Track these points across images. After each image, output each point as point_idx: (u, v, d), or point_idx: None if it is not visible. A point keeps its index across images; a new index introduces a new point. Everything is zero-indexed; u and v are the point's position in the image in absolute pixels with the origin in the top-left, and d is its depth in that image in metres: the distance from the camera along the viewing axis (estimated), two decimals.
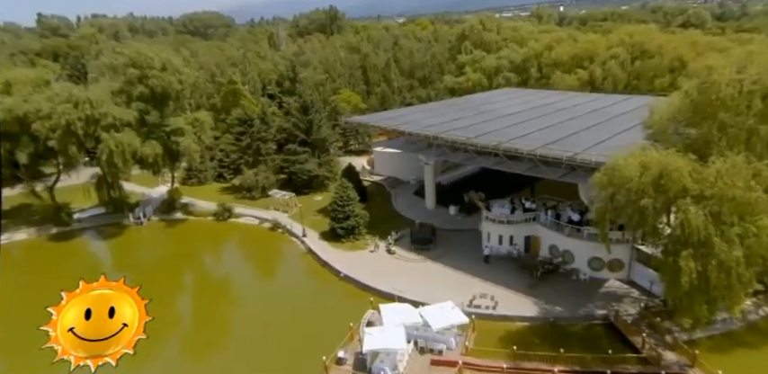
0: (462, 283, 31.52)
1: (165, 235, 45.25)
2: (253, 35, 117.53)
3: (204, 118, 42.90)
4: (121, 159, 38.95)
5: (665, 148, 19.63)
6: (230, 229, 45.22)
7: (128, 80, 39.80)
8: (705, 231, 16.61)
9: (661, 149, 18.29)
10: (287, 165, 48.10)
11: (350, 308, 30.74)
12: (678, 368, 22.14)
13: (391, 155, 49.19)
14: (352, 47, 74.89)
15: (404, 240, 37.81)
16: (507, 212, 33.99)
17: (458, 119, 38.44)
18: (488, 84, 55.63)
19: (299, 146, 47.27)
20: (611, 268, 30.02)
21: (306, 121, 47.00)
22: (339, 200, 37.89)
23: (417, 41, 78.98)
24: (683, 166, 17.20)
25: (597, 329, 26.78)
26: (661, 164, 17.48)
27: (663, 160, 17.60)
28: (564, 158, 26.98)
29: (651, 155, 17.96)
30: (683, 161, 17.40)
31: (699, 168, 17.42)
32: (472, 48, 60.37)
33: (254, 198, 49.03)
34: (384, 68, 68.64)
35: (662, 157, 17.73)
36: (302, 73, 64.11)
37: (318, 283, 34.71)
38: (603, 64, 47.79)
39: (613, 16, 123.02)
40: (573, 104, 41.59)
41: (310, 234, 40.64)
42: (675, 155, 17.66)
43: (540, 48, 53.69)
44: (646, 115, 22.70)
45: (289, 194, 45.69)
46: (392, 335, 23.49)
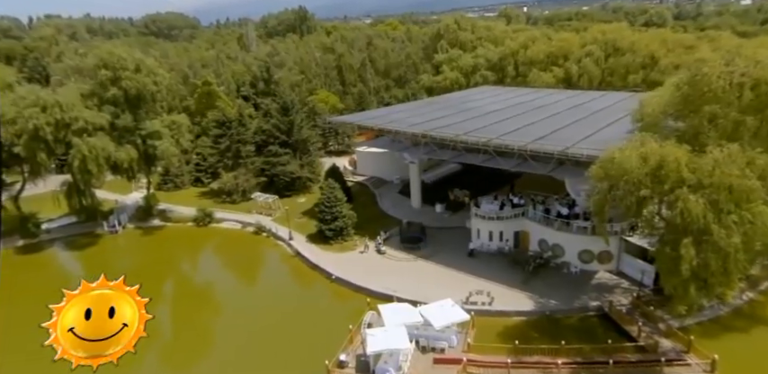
0: (456, 280, 31.56)
1: (143, 242, 43.50)
2: (220, 36, 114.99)
3: (182, 120, 41.52)
4: (95, 165, 37.21)
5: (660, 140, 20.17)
6: (212, 235, 43.91)
7: (99, 82, 38.06)
8: (704, 219, 17.13)
9: (659, 140, 18.74)
10: (268, 168, 47.14)
11: (345, 310, 30.38)
12: (675, 354, 22.77)
13: (374, 154, 48.93)
14: (327, 47, 74.23)
15: (393, 240, 37.61)
16: (496, 208, 34.28)
17: (442, 117, 38.55)
18: (466, 82, 56.13)
19: (279, 147, 46.38)
20: (600, 260, 30.67)
21: (286, 122, 46.18)
22: (326, 202, 37.35)
23: (391, 41, 79.05)
24: (682, 157, 17.70)
25: (592, 320, 27.29)
26: (660, 155, 17.93)
27: (662, 151, 18.05)
28: (555, 153, 27.38)
29: (651, 147, 18.40)
30: (681, 151, 17.91)
31: (694, 158, 17.96)
32: (448, 47, 60.84)
33: (234, 202, 47.80)
34: (360, 68, 68.33)
35: (661, 148, 18.18)
36: (277, 74, 63.04)
37: (310, 286, 34.11)
38: (579, 61, 49.04)
39: (578, 16, 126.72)
40: (552, 101, 42.41)
41: (297, 236, 39.91)
42: (674, 145, 18.16)
43: (517, 47, 54.60)
44: (635, 109, 23.27)
45: (272, 197, 44.78)
46: (395, 336, 23.23)
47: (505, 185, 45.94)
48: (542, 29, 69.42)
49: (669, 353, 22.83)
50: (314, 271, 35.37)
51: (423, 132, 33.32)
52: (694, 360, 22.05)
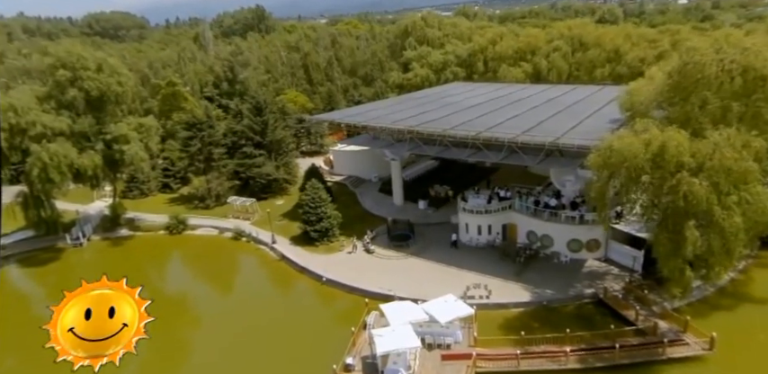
0: (450, 276, 31.48)
1: (112, 254, 40.82)
2: (174, 36, 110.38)
3: (150, 123, 39.22)
4: (57, 173, 34.54)
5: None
6: (188, 242, 41.83)
7: (56, 83, 35.31)
8: (707, 201, 17.73)
9: (660, 126, 19.25)
10: (242, 170, 45.46)
11: (341, 313, 29.68)
12: (673, 335, 23.52)
13: (351, 153, 48.22)
14: (291, 46, 72.61)
15: (379, 238, 37.09)
16: (484, 202, 34.45)
17: (424, 112, 38.40)
18: (436, 79, 56.36)
19: (254, 148, 44.82)
20: (588, 248, 31.39)
21: (260, 122, 44.68)
22: (311, 202, 36.36)
23: (355, 39, 78.35)
24: (684, 141, 18.25)
25: (588, 307, 27.86)
26: (662, 141, 18.41)
27: (664, 136, 18.54)
28: (546, 144, 27.73)
29: (654, 132, 18.86)
30: (682, 136, 18.46)
31: (694, 143, 18.55)
32: (416, 44, 60.90)
33: (208, 207, 45.82)
34: (326, 67, 67.26)
35: (663, 134, 18.67)
36: (243, 73, 61.02)
37: (300, 290, 33.07)
38: (547, 56, 50.26)
39: (531, 14, 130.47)
40: (527, 95, 43.20)
41: (280, 240, 38.65)
42: (676, 130, 18.70)
43: (485, 43, 55.34)
44: (623, 98, 23.88)
45: (249, 200, 43.20)
46: (403, 334, 22.76)
47: (482, 180, 46.49)
48: (508, 25, 70.83)
49: (668, 334, 23.56)
50: (302, 275, 34.34)
51: (409, 128, 32.99)
52: (692, 340, 22.82)
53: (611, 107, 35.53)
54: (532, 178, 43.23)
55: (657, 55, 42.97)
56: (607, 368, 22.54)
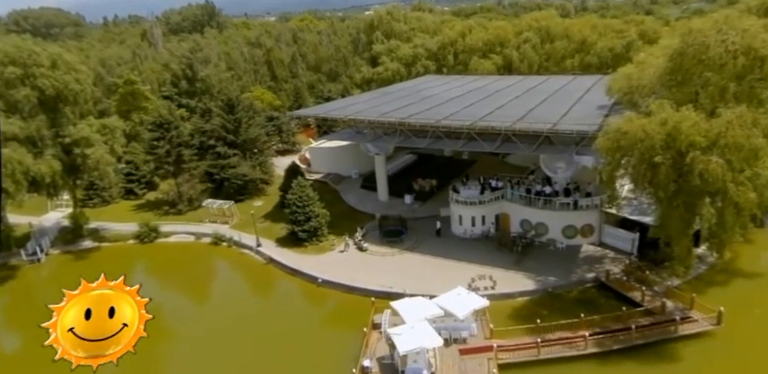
0: (449, 269, 31.03)
1: (76, 269, 37.28)
2: (116, 34, 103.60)
3: (115, 123, 36.13)
4: (12, 182, 31.08)
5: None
6: (163, 251, 39.05)
7: (6, 82, 31.72)
8: (722, 178, 18.15)
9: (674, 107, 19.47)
10: (216, 171, 43.03)
11: (346, 314, 28.52)
12: (680, 313, 24.09)
13: (330, 150, 46.85)
14: (251, 42, 69.69)
15: (370, 235, 36.13)
16: (477, 193, 34.23)
17: (408, 105, 37.70)
18: (407, 72, 55.86)
19: (227, 148, 42.51)
20: (583, 234, 31.85)
21: (233, 121, 42.40)
22: (298, 201, 34.83)
23: (316, 34, 76.47)
24: (699, 121, 18.55)
25: (591, 291, 28.21)
26: (676, 121, 18.64)
27: (679, 116, 18.78)
28: (545, 131, 27.74)
29: (669, 113, 19.07)
30: (696, 116, 18.76)
31: (706, 121, 18.88)
32: (383, 38, 60.07)
33: (181, 212, 43.09)
34: (290, 63, 65.12)
35: (679, 114, 18.92)
36: (203, 71, 57.88)
37: (296, 294, 31.56)
38: (518, 48, 50.92)
39: (482, 10, 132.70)
40: (504, 86, 43.46)
41: (265, 242, 36.85)
42: (690, 110, 18.99)
43: (455, 36, 55.36)
44: (620, 83, 24.20)
45: (227, 203, 40.92)
46: (422, 332, 22.00)
47: (462, 172, 46.46)
48: (474, 18, 71.32)
49: (675, 313, 24.11)
50: (295, 277, 32.85)
51: (400, 120, 32.15)
52: (700, 316, 23.45)
53: (592, 95, 36.38)
54: (510, 169, 43.88)
55: (626, 45, 44.59)
56: (623, 350, 22.77)
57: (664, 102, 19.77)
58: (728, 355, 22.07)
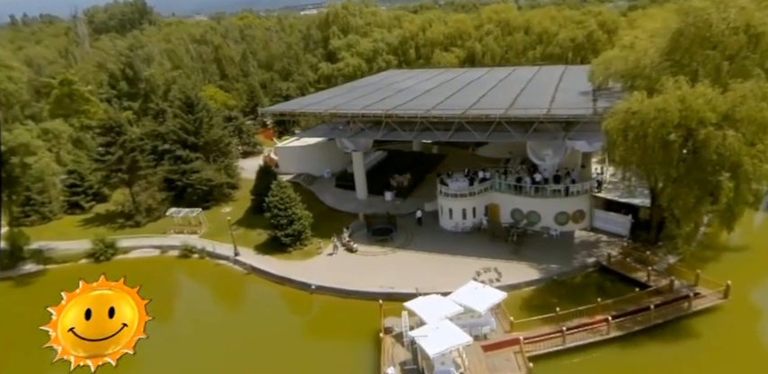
0: (447, 264, 30.04)
1: (19, 297, 32.33)
2: (31, 34, 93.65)
3: (59, 127, 31.86)
4: None
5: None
6: (124, 268, 34.81)
7: None
8: (738, 152, 18.40)
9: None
10: (177, 177, 39.33)
11: (350, 320, 26.62)
12: (687, 289, 24.52)
13: (299, 149, 44.50)
14: (195, 39, 65.07)
15: (357, 235, 34.39)
16: (466, 185, 33.48)
17: (385, 98, 36.31)
18: (368, 68, 54.42)
19: (189, 151, 38.97)
20: (574, 220, 31.97)
21: (193, 121, 38.90)
22: (279, 203, 32.40)
23: (264, 31, 72.96)
24: (716, 96, 18.67)
25: (594, 275, 28.25)
26: (694, 97, 18.67)
27: (695, 92, 18.83)
28: (541, 117, 27.37)
29: (686, 89, 19.08)
30: (712, 92, 18.88)
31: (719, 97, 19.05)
32: (340, 33, 58.15)
33: (139, 224, 38.99)
34: (241, 61, 61.48)
35: (695, 90, 18.96)
36: (146, 70, 53.09)
37: (290, 304, 29.22)
38: (480, 40, 51.04)
39: (422, 9, 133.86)
40: (475, 77, 43.20)
41: (243, 251, 34.03)
42: (706, 85, 19.09)
43: (416, 30, 54.61)
44: (613, 65, 24.26)
45: (195, 210, 37.46)
46: (448, 331, 20.75)
47: (433, 167, 45.95)
48: (434, 11, 70.93)
49: (683, 290, 24.51)
50: (284, 286, 30.44)
51: (386, 112, 30.65)
52: (707, 291, 23.93)
53: (567, 83, 36.80)
54: (482, 161, 43.85)
55: (587, 35, 45.92)
56: (643, 331, 22.76)
57: (680, 78, 19.84)
58: (741, 326, 22.68)
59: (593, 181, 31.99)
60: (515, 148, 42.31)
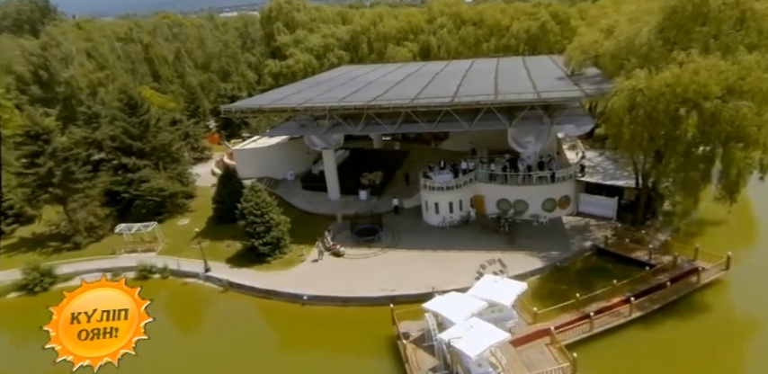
0: (446, 260, 28.70)
1: None
2: None
3: None
4: None
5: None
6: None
7: None
8: (751, 123, 18.73)
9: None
10: (122, 189, 34.48)
11: (356, 329, 24.25)
12: (689, 264, 24.96)
13: (259, 151, 41.11)
14: (120, 37, 58.32)
15: (338, 237, 32.05)
16: (451, 177, 32.32)
17: (357, 91, 34.23)
18: (319, 64, 51.84)
19: (136, 158, 34.30)
20: (561, 206, 31.91)
21: (138, 124, 34.24)
22: (255, 209, 29.23)
23: (196, 29, 67.48)
24: (730, 67, 18.80)
25: (593, 259, 28.17)
26: (707, 69, 18.74)
27: (707, 64, 18.89)
28: (535, 100, 26.75)
29: (699, 62, 19.08)
30: (724, 63, 19.02)
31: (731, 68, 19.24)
32: (285, 29, 54.89)
33: (79, 246, 33.72)
34: (175, 61, 56.11)
35: (706, 61, 19.02)
36: (65, 72, 46.51)
37: (283, 319, 26.14)
38: (434, 33, 50.41)
39: (371, 5, 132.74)
40: (439, 69, 42.31)
41: (214, 265, 30.37)
42: (718, 59, 19.21)
43: (367, 24, 52.83)
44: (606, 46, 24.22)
45: (149, 224, 32.94)
46: (483, 329, 19.25)
47: (398, 163, 44.70)
48: (383, 7, 69.24)
49: (685, 265, 24.92)
50: (270, 300, 27.39)
51: (368, 104, 28.58)
52: (709, 264, 24.44)
53: (537, 71, 36.90)
54: (446, 154, 43.27)
55: (540, 26, 46.85)
56: (662, 309, 22.71)
57: (691, 51, 19.92)
58: (746, 296, 23.32)
59: (576, 165, 32.07)
60: (477, 140, 42.37)
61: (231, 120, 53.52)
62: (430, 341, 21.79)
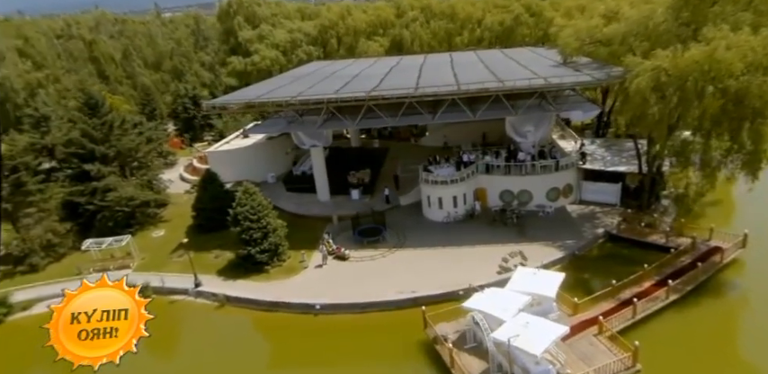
0: (461, 256, 27.39)
1: None
2: None
3: None
4: None
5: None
6: (31, 331, 25.41)
7: None
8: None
9: None
10: (86, 199, 30.28)
11: (384, 337, 22.22)
12: (705, 245, 25.09)
13: (236, 153, 37.92)
14: (58, 34, 52.11)
15: (337, 240, 29.83)
16: (453, 170, 31.07)
17: (346, 84, 32.11)
18: (287, 61, 49.00)
19: (101, 164, 30.21)
20: (564, 194, 31.51)
21: (100, 126, 30.18)
22: (251, 213, 26.44)
23: (145, 26, 62.02)
24: (760, 42, 18.73)
25: (608, 245, 27.89)
26: (739, 44, 18.61)
27: (739, 39, 18.77)
28: (548, 85, 25.95)
29: (731, 37, 18.89)
30: (756, 39, 18.95)
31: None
32: (247, 24, 51.45)
33: (36, 268, 29.23)
34: (123, 60, 50.99)
35: (737, 36, 18.87)
36: None
37: (296, 333, 23.46)
38: (407, 27, 49.09)
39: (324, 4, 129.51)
40: (421, 62, 40.86)
41: (205, 279, 27.20)
42: (747, 33, 19.11)
43: (335, 18, 50.55)
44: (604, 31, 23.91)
45: (123, 238, 29.02)
46: (540, 325, 18.02)
47: (379, 161, 43.13)
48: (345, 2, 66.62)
49: (701, 246, 25.04)
50: (277, 313, 24.78)
51: (369, 95, 26.61)
52: (726, 244, 24.65)
53: (524, 61, 36.44)
54: (426, 150, 42.52)
55: (514, 18, 46.82)
56: (694, 290, 22.54)
57: (723, 26, 19.77)
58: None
59: (577, 153, 31.85)
60: (451, 136, 41.82)
61: (192, 123, 49.75)
62: (472, 342, 20.34)
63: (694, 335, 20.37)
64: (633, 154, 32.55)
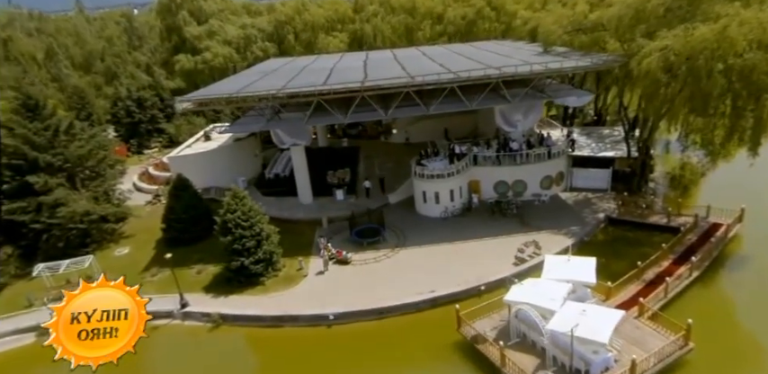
0: (471, 251, 26.27)
1: None
2: None
3: None
4: None
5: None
6: None
7: None
8: None
9: None
10: (30, 217, 25.55)
11: (413, 342, 20.40)
12: (706, 223, 25.72)
13: (201, 157, 34.25)
14: None
15: (335, 243, 27.59)
16: (447, 163, 29.87)
17: (328, 77, 29.76)
18: (241, 58, 45.46)
19: (46, 175, 25.60)
20: (556, 182, 31.38)
21: (43, 130, 25.60)
22: (242, 220, 23.50)
23: (67, 22, 55.03)
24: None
25: (610, 229, 27.88)
26: (756, 20, 18.92)
27: (751, 16, 19.07)
28: (551, 70, 25.41)
29: (743, 14, 19.11)
30: (763, 14, 19.35)
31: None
32: (192, 20, 47.11)
33: None
34: (46, 60, 44.63)
35: (746, 12, 19.15)
36: None
37: (310, 348, 20.93)
38: (368, 21, 47.31)
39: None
40: (391, 55, 39.45)
41: (191, 298, 23.83)
42: (758, 9, 19.46)
43: (291, 13, 47.60)
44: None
45: (84, 259, 24.72)
46: (595, 312, 17.12)
47: (351, 160, 41.31)
48: None
49: (702, 225, 25.64)
50: (283, 329, 22.20)
51: (364, 86, 24.63)
52: (726, 221, 25.36)
53: (503, 52, 36.14)
54: (392, 148, 41.53)
55: (477, 11, 46.62)
56: (711, 265, 22.86)
57: (735, 3, 20.05)
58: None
59: (567, 140, 31.92)
60: (413, 132, 41.12)
61: (138, 128, 44.73)
62: (515, 337, 19.08)
63: (727, 308, 20.54)
64: (616, 140, 33.27)
